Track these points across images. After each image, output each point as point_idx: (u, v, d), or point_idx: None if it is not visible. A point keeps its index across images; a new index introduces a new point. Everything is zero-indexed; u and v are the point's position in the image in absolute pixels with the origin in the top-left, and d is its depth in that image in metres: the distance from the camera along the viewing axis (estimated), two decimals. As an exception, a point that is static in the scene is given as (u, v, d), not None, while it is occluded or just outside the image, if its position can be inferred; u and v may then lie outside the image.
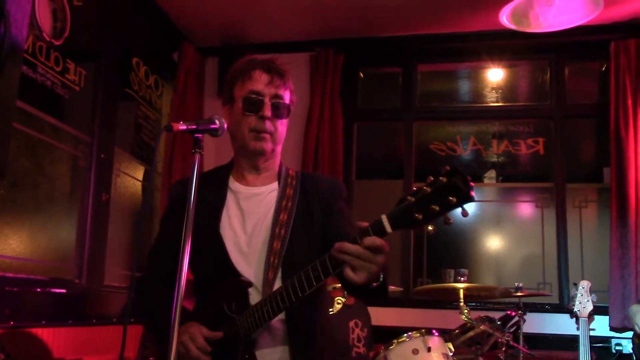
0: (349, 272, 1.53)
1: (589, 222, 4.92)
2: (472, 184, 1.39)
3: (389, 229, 1.49)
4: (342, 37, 5.03)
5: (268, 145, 1.98)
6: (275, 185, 2.05)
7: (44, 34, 3.33)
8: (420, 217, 1.43)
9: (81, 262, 3.72)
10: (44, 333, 3.17)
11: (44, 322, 3.19)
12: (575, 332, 3.70)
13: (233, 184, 2.05)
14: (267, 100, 1.96)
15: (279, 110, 1.98)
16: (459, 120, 5.35)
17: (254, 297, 1.87)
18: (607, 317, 4.28)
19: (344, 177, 4.94)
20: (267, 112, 1.95)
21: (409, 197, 1.45)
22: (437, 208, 1.41)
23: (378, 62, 5.46)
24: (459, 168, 1.41)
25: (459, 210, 1.42)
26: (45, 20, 3.36)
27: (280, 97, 1.99)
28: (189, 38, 5.03)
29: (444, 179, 1.41)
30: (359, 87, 5.40)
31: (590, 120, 5.19)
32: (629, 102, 4.45)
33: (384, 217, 1.50)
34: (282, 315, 1.82)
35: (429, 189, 1.42)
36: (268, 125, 1.96)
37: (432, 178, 1.43)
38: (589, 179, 5.13)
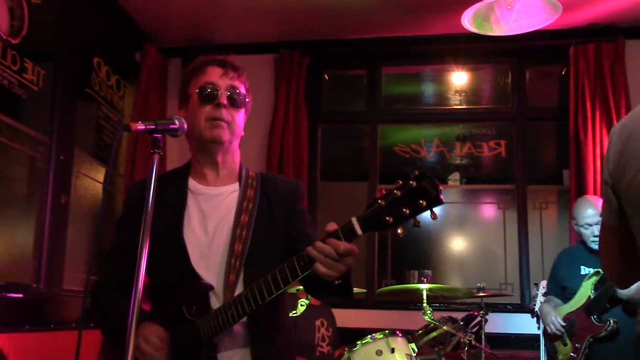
0: (319, 267, 1.55)
1: (549, 223, 5.01)
2: (440, 187, 1.45)
3: (359, 231, 1.52)
4: (307, 39, 5.02)
5: (225, 134, 1.94)
6: (235, 185, 2.02)
7: (0, 33, 3.25)
8: (391, 220, 1.48)
9: (39, 266, 3.64)
10: (0, 339, 3.10)
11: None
12: (537, 332, 3.76)
13: (193, 184, 2.02)
14: (222, 90, 1.94)
15: (235, 100, 1.95)
16: (423, 122, 5.39)
17: (215, 300, 1.85)
18: (567, 316, 4.36)
19: (308, 179, 4.93)
20: (223, 99, 1.92)
21: (379, 201, 1.49)
22: (408, 211, 1.46)
23: (343, 64, 5.48)
24: (427, 172, 1.46)
25: (428, 213, 1.47)
26: (1, 18, 3.28)
27: (235, 87, 1.97)
28: (152, 38, 4.96)
29: (414, 183, 1.46)
30: (324, 89, 5.41)
31: (550, 123, 5.29)
32: (588, 105, 4.54)
33: (354, 220, 1.52)
34: (243, 318, 1.80)
35: (399, 193, 1.47)
36: (225, 113, 1.93)
37: (401, 182, 1.47)
38: (549, 180, 5.23)
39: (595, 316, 3.44)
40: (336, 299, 1.84)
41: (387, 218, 1.47)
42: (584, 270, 3.66)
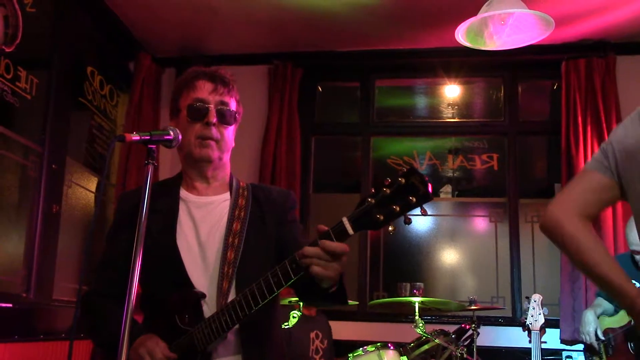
0: (316, 269, 1.55)
1: (541, 236, 4.99)
2: (429, 183, 1.44)
3: (350, 230, 1.52)
4: (300, 51, 5.04)
5: (214, 153, 1.95)
6: (227, 195, 2.03)
7: (-6, 41, 3.25)
8: (382, 218, 1.47)
9: (29, 275, 3.60)
10: (-12, 349, 3.06)
11: (-12, 337, 3.08)
12: (528, 345, 3.76)
13: (184, 194, 2.02)
14: (212, 107, 1.95)
15: (224, 117, 1.96)
16: (415, 135, 5.41)
17: (207, 308, 1.84)
18: (558, 330, 4.36)
19: (301, 191, 4.93)
20: (212, 118, 1.93)
21: (369, 199, 1.49)
22: (398, 208, 1.46)
23: (336, 77, 5.49)
24: (415, 168, 1.46)
25: (418, 209, 1.46)
26: (-5, 27, 3.28)
27: (225, 104, 1.97)
28: (146, 48, 4.96)
29: (402, 180, 1.45)
30: (317, 100, 5.41)
31: (542, 137, 5.32)
32: (579, 119, 4.57)
33: (345, 220, 1.53)
34: (237, 325, 1.79)
35: (388, 190, 1.46)
36: (214, 131, 1.94)
37: (390, 180, 1.47)
38: (541, 194, 5.25)
39: (632, 345, 3.38)
40: (331, 304, 1.83)
41: (378, 216, 1.47)
42: (636, 285, 3.61)
